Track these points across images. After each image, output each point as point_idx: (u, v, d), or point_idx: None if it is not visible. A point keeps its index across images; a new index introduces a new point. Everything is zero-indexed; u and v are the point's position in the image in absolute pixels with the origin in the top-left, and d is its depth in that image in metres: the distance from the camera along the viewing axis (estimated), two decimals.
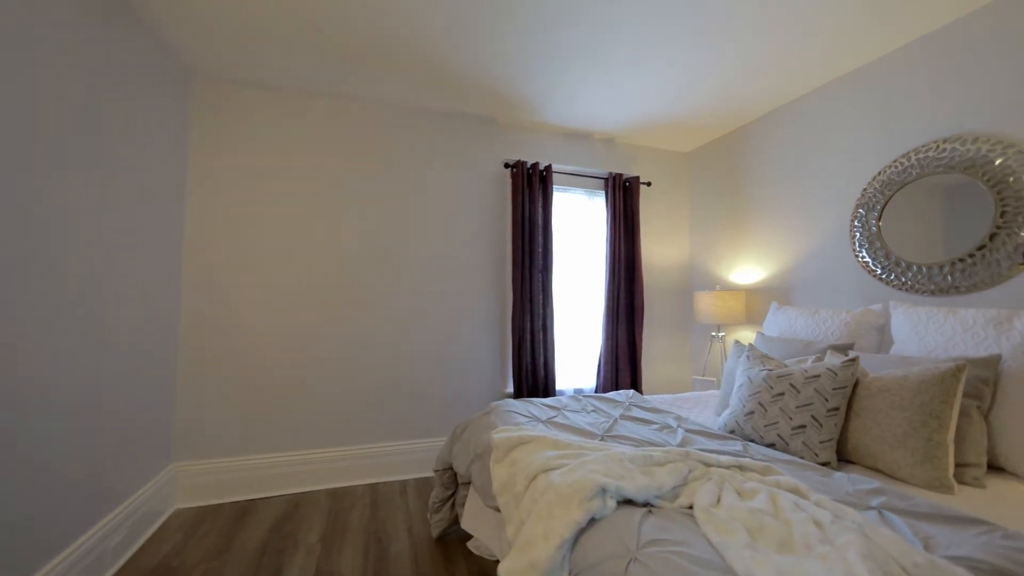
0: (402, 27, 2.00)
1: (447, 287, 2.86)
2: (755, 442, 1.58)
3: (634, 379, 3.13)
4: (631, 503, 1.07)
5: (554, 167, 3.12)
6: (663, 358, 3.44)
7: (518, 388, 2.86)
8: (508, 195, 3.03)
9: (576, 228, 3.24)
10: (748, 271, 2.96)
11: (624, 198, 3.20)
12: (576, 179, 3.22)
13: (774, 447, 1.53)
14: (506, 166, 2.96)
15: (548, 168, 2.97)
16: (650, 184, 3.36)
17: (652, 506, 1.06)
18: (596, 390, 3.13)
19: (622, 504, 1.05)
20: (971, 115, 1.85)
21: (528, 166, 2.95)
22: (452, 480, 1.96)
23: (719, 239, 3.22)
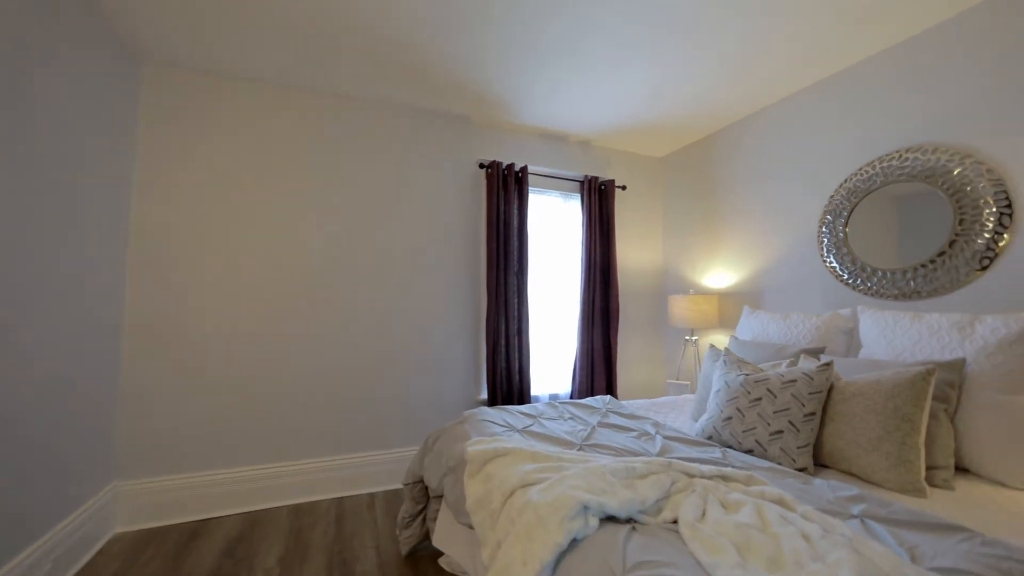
0: (375, 18, 1.90)
1: (419, 290, 2.75)
2: (733, 448, 1.57)
3: (609, 383, 3.11)
4: (614, 519, 1.01)
5: (530, 168, 3.08)
6: (637, 361, 3.44)
7: (492, 394, 2.79)
8: (483, 195, 2.96)
9: (552, 230, 3.19)
10: (721, 275, 2.99)
11: (600, 201, 3.19)
12: (552, 181, 3.18)
13: (752, 453, 1.52)
14: (481, 166, 2.89)
15: (524, 169, 2.92)
16: (625, 188, 3.36)
17: (636, 522, 1.01)
18: (572, 395, 3.09)
19: (604, 521, 1.00)
20: (932, 126, 1.91)
21: (504, 167, 2.89)
22: (423, 494, 1.86)
23: (692, 243, 3.26)
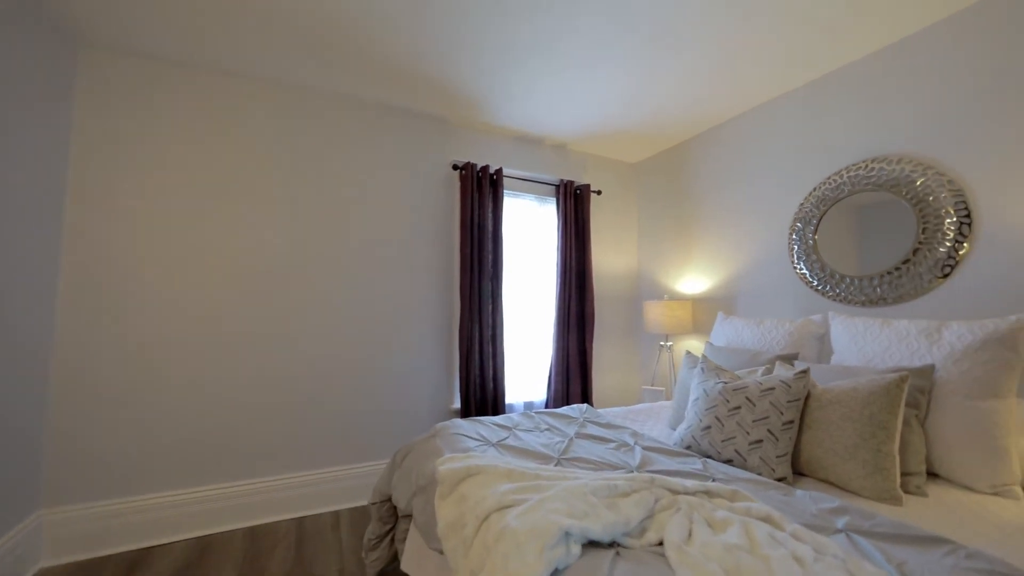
0: (344, 8, 1.79)
1: (388, 294, 2.63)
2: (712, 458, 1.54)
3: (585, 390, 3.07)
4: (596, 543, 0.95)
5: (505, 171, 3.01)
6: (612, 367, 3.42)
7: (466, 403, 2.69)
8: (456, 198, 2.87)
9: (527, 235, 3.14)
10: (694, 281, 3.01)
11: (575, 206, 3.16)
12: (527, 184, 3.13)
13: (731, 463, 1.49)
14: (455, 167, 2.80)
15: (499, 172, 2.85)
16: (600, 193, 3.35)
17: (619, 545, 0.95)
18: (547, 402, 3.02)
19: (587, 547, 0.93)
20: (897, 137, 1.97)
21: (478, 168, 2.81)
22: (391, 513, 1.74)
23: (666, 249, 3.27)
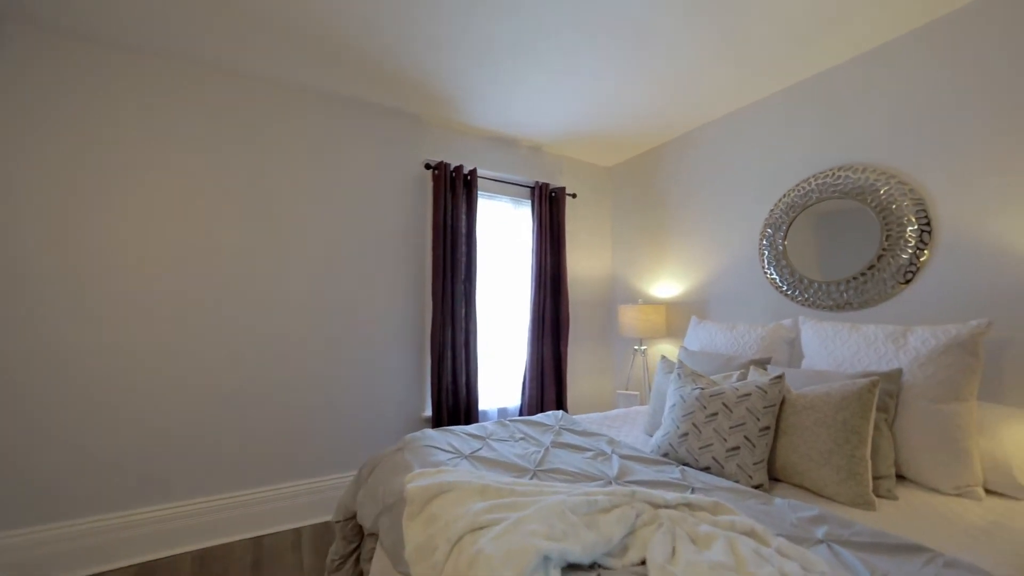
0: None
1: (356, 298, 2.51)
2: (690, 465, 1.52)
3: (559, 395, 3.03)
4: (576, 565, 0.89)
5: (479, 172, 2.94)
6: (586, 371, 3.40)
7: (437, 410, 2.59)
8: (429, 198, 2.77)
9: (501, 237, 3.07)
10: (668, 285, 3.03)
11: (551, 208, 3.12)
12: (502, 186, 3.07)
13: (709, 470, 1.47)
14: (427, 167, 2.71)
15: (473, 172, 2.78)
16: (575, 196, 3.33)
17: (601, 567, 0.89)
18: (521, 408, 2.96)
19: (567, 570, 0.87)
20: (863, 146, 2.02)
21: (452, 168, 2.73)
22: (356, 532, 1.64)
23: (640, 253, 3.28)
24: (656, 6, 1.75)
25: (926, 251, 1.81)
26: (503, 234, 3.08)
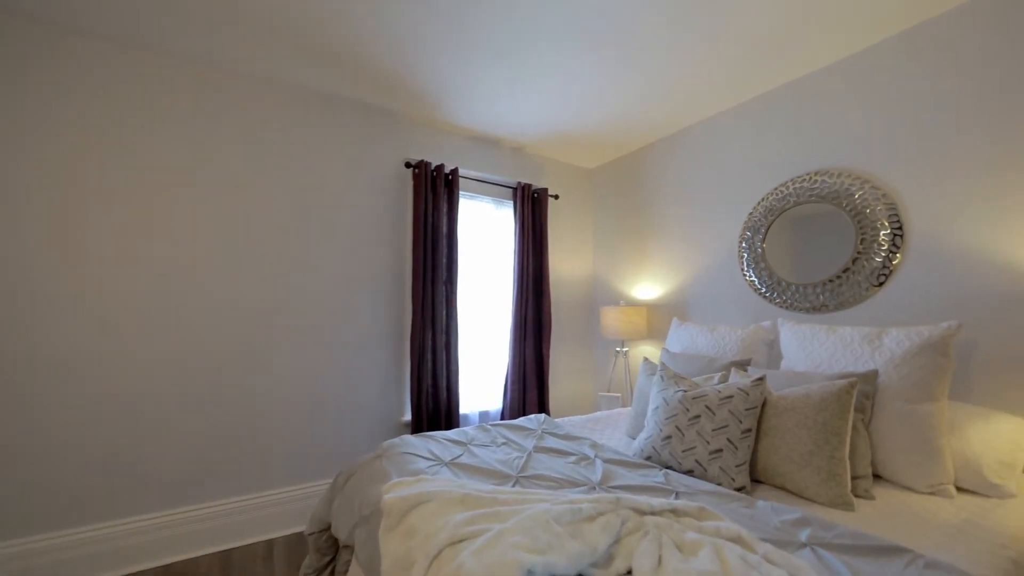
0: None
1: (332, 300, 2.42)
2: (673, 469, 1.51)
3: (541, 398, 3.00)
4: None
5: (461, 171, 2.90)
6: (568, 374, 3.38)
7: (417, 415, 2.53)
8: (409, 197, 2.71)
9: (483, 238, 3.03)
10: (649, 287, 3.04)
11: (533, 209, 3.10)
12: (484, 186, 3.03)
13: (692, 473, 1.46)
14: (407, 165, 2.65)
15: (454, 172, 2.73)
16: (558, 197, 3.31)
17: None
18: (503, 412, 2.93)
19: None
20: (839, 151, 2.07)
21: (432, 167, 2.68)
22: (331, 544, 1.57)
23: (622, 255, 3.29)
24: (640, 11, 1.74)
25: (898, 254, 1.86)
26: (485, 235, 3.04)
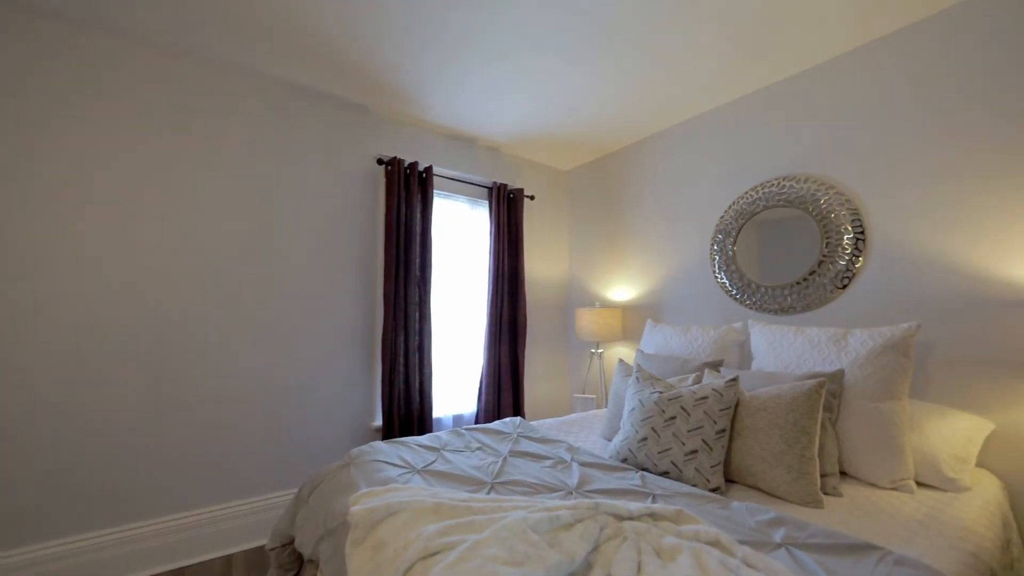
0: None
1: (298, 300, 2.31)
2: (649, 471, 1.50)
3: (516, 400, 2.97)
4: None
5: (435, 170, 2.83)
6: (543, 376, 3.36)
7: (388, 420, 2.45)
8: (381, 195, 2.63)
9: (458, 238, 2.98)
10: (623, 289, 3.06)
11: (508, 210, 3.07)
12: (459, 185, 2.98)
13: (668, 475, 1.46)
14: (380, 162, 2.57)
15: (429, 170, 2.67)
16: (533, 198, 3.29)
17: None
18: (477, 415, 2.87)
19: None
20: (804, 157, 2.13)
21: (406, 165, 2.61)
22: (294, 559, 1.48)
23: (596, 257, 3.30)
24: (620, 16, 1.74)
25: (861, 258, 1.93)
26: (459, 235, 2.99)
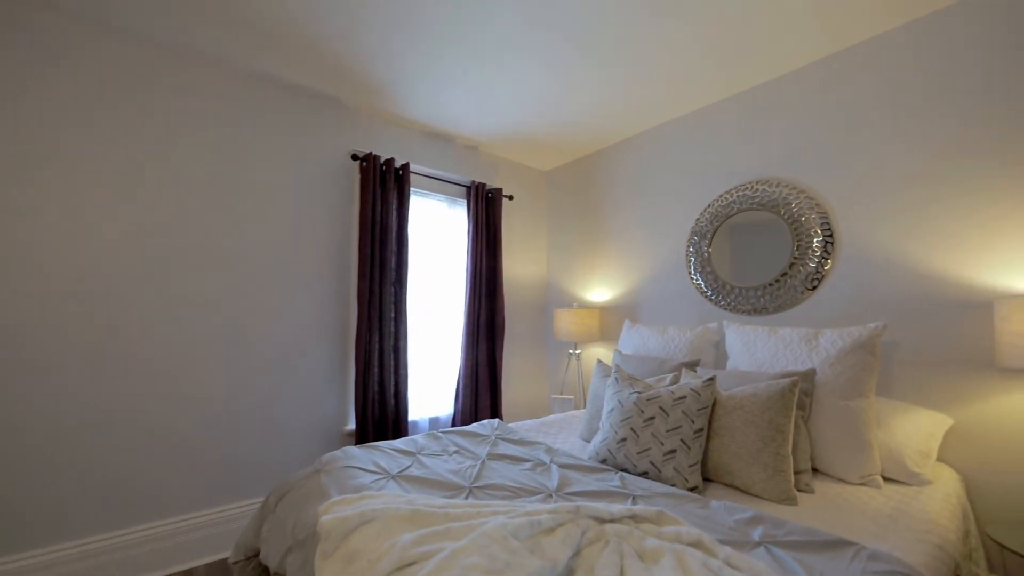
0: None
1: (266, 299, 2.21)
2: (629, 471, 1.49)
3: (494, 402, 2.93)
4: None
5: (412, 167, 2.77)
6: (520, 377, 3.34)
7: (362, 424, 2.37)
8: (356, 192, 2.55)
9: (435, 238, 2.92)
10: (601, 290, 3.07)
11: (487, 209, 3.03)
12: (436, 184, 2.92)
13: (647, 475, 1.45)
14: (354, 158, 2.49)
15: (405, 167, 2.61)
16: (512, 198, 3.27)
17: None
18: (454, 417, 2.82)
19: None
20: (776, 162, 2.18)
21: (382, 161, 2.54)
22: (259, 573, 1.40)
23: (574, 258, 3.30)
24: (599, 19, 1.74)
25: (829, 261, 1.99)
26: (436, 234, 2.93)
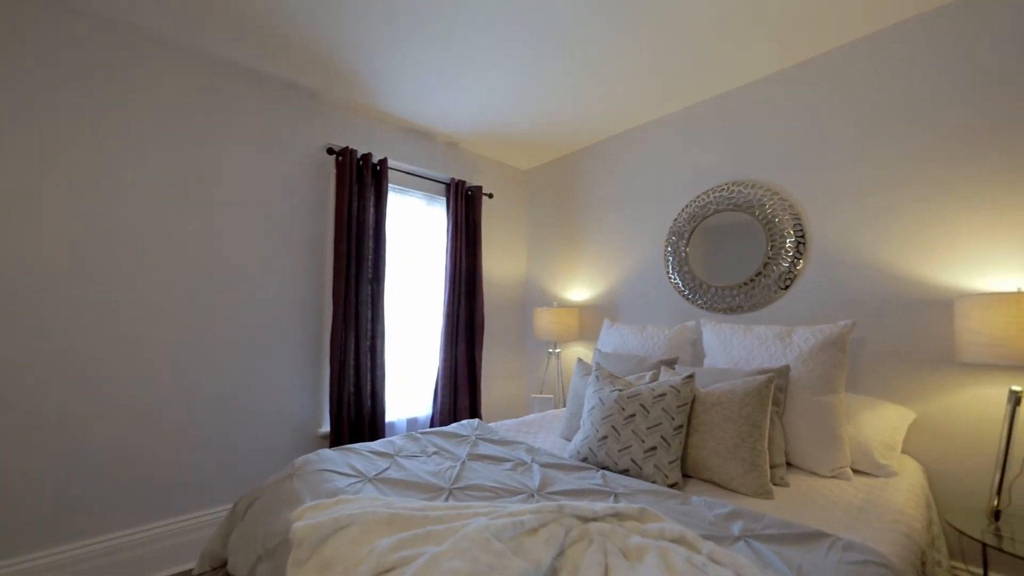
0: None
1: (236, 297, 2.12)
2: (610, 469, 1.49)
3: (473, 402, 2.90)
4: None
5: (390, 163, 2.71)
6: (500, 376, 3.32)
7: (337, 426, 2.30)
8: (331, 187, 2.48)
9: (413, 235, 2.87)
10: (580, 289, 3.08)
11: (467, 207, 3.00)
12: (415, 180, 2.87)
13: (628, 473, 1.46)
14: (330, 152, 2.42)
15: (383, 162, 2.55)
16: (492, 196, 3.25)
17: None
18: (433, 418, 2.78)
19: None
20: (752, 164, 2.23)
21: (359, 156, 2.47)
22: None
23: (554, 256, 3.30)
24: (582, 13, 1.74)
25: (801, 261, 2.04)
26: (415, 232, 2.88)
